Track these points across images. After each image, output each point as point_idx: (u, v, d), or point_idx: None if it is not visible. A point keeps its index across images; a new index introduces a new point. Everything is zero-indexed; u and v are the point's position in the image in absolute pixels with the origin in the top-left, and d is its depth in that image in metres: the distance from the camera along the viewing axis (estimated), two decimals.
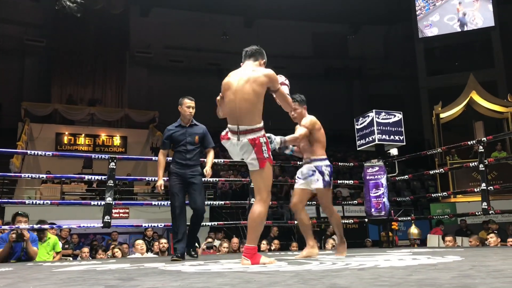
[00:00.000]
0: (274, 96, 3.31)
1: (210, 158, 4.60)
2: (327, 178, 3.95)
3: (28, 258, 4.98)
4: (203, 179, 4.59)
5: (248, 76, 3.11)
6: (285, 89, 3.43)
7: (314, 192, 4.07)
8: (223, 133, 3.17)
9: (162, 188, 4.45)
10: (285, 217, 11.70)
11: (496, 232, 7.00)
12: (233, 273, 2.40)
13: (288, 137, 3.71)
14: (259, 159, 3.05)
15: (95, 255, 7.07)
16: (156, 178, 4.81)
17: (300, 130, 3.96)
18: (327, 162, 4.03)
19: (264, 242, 7.68)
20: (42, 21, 19.02)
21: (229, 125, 3.14)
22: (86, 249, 6.98)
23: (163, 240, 7.16)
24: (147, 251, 6.93)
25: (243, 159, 3.19)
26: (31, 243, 5.00)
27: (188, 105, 4.59)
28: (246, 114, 3.05)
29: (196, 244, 7.77)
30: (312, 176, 3.98)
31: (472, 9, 19.04)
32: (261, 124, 3.10)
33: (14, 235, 4.84)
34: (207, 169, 4.50)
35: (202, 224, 6.65)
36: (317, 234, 10.00)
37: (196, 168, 4.46)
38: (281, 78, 3.49)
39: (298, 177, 4.12)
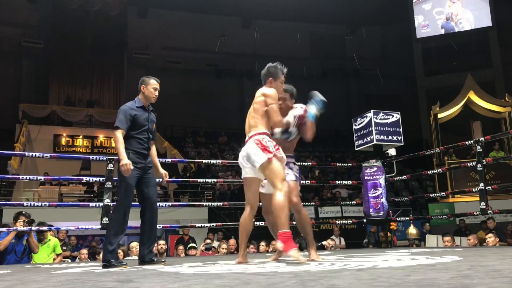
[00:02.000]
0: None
1: (156, 156, 4.18)
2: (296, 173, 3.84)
3: (31, 250, 5.06)
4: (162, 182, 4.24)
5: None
6: (291, 115, 3.80)
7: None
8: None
9: (132, 167, 3.70)
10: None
11: (494, 232, 7.01)
12: (232, 274, 2.40)
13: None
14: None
15: (96, 257, 7.05)
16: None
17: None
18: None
19: (262, 243, 7.67)
20: (39, 23, 19.00)
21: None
22: (84, 251, 6.97)
23: (161, 242, 7.15)
24: None
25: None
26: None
27: (155, 86, 4.11)
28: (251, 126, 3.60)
29: (194, 245, 7.78)
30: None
31: (466, 10, 19.08)
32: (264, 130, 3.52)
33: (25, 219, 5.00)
34: (163, 171, 4.17)
35: (201, 225, 6.68)
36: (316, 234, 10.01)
37: (150, 160, 4.01)
38: (298, 111, 3.86)
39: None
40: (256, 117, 3.54)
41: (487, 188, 5.39)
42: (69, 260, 6.78)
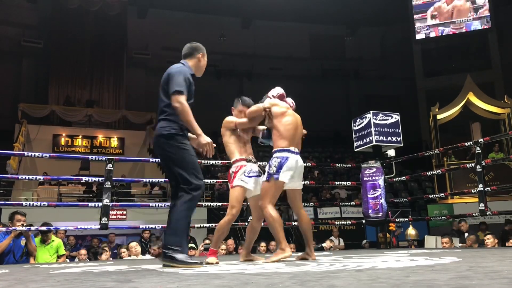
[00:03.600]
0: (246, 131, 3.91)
1: None
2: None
3: (29, 253, 5.04)
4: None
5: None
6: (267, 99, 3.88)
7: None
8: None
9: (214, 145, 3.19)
10: (283, 218, 11.68)
11: (492, 233, 7.01)
12: (231, 274, 2.40)
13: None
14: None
15: (97, 257, 7.02)
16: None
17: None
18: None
19: (263, 243, 7.67)
20: (39, 22, 19.01)
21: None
22: (83, 251, 6.96)
23: (155, 247, 7.12)
24: (143, 253, 6.90)
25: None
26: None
27: (206, 58, 3.53)
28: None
29: (193, 245, 7.77)
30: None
31: (466, 11, 19.10)
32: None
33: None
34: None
35: (200, 225, 6.66)
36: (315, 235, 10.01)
37: None
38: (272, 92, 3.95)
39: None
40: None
41: (486, 189, 5.40)
42: (68, 260, 6.78)
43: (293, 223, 9.01)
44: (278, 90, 3.96)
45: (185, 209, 3.06)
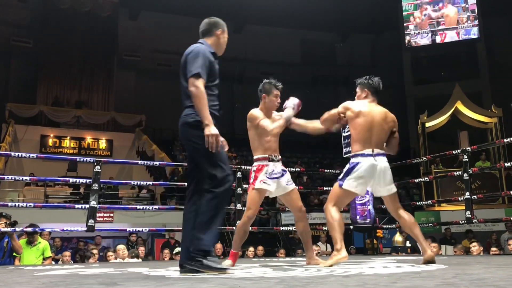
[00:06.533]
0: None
1: None
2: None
3: (14, 251, 4.98)
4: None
5: None
6: (287, 112, 3.73)
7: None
8: None
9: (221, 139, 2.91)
10: (271, 223, 11.68)
11: (478, 241, 7.08)
12: (218, 279, 2.39)
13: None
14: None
15: (84, 260, 6.94)
16: None
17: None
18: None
19: (251, 248, 7.66)
20: (29, 22, 18.84)
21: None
22: (67, 253, 6.88)
23: (141, 248, 7.09)
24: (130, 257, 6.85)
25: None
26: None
27: (227, 34, 3.40)
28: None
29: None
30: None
31: (455, 21, 19.33)
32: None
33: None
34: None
35: None
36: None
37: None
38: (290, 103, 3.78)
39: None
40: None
41: (472, 197, 5.44)
42: (53, 262, 6.70)
43: (281, 228, 9.03)
44: (293, 101, 3.78)
45: (211, 209, 2.75)
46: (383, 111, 3.79)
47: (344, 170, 3.56)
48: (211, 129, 2.80)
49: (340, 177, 3.56)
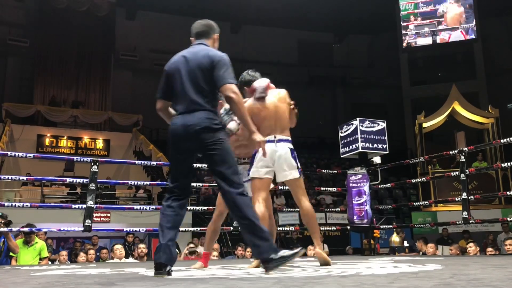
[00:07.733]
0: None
1: None
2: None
3: (11, 251, 4.96)
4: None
5: None
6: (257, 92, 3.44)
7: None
8: None
9: None
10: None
11: (474, 242, 7.09)
12: (215, 279, 2.39)
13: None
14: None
15: (77, 259, 6.94)
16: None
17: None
18: None
19: (249, 249, 7.64)
20: (26, 21, 18.81)
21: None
22: (64, 253, 6.86)
23: (142, 245, 7.07)
24: (126, 257, 6.84)
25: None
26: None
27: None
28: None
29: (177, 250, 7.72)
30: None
31: (452, 22, 19.38)
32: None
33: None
34: None
35: (185, 229, 6.62)
36: (300, 240, 10.01)
37: None
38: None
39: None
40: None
41: (469, 197, 5.45)
42: (50, 262, 6.68)
43: (279, 228, 9.01)
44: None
45: (245, 206, 2.61)
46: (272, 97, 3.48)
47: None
48: (260, 136, 2.75)
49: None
